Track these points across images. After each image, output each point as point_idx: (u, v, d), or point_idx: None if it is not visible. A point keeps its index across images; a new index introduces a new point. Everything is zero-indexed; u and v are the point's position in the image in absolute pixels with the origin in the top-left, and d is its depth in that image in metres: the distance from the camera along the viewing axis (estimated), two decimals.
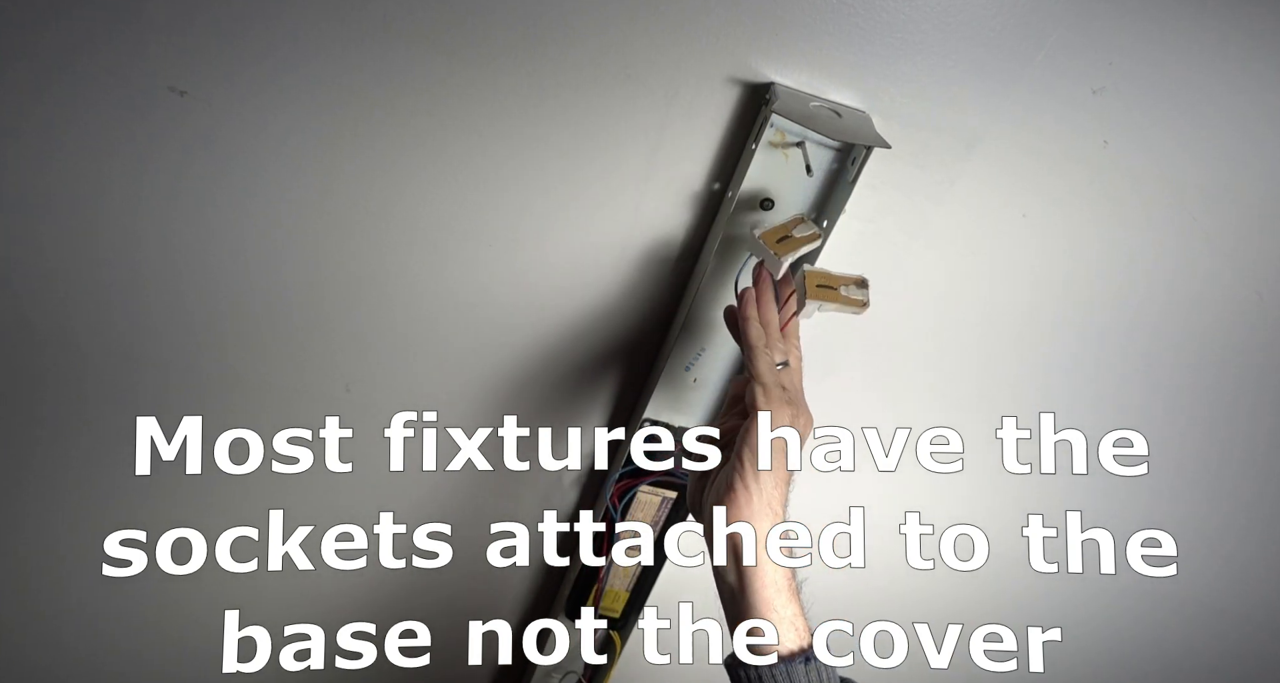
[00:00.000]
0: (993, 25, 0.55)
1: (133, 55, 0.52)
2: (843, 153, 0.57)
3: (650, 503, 0.72)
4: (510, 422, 0.57)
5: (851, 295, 0.55)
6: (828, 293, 0.55)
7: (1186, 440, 0.79)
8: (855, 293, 0.55)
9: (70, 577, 0.77)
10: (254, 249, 0.61)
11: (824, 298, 0.55)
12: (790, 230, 0.56)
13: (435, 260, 0.63)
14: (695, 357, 0.66)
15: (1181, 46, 0.57)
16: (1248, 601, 0.92)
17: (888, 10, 0.54)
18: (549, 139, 0.58)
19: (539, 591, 0.86)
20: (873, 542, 0.50)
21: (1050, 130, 0.60)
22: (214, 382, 0.67)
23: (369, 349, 0.67)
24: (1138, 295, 0.69)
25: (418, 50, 0.53)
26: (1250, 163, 0.62)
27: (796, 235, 0.56)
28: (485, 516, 0.77)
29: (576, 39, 0.54)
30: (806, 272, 0.55)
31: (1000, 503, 0.78)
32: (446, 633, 0.54)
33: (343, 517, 0.53)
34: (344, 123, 0.56)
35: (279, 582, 0.74)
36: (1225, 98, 0.59)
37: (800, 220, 0.57)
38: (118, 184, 0.57)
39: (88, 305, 0.62)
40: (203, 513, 0.70)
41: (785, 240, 0.55)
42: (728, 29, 0.54)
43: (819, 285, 0.55)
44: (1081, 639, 0.95)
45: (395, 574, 0.74)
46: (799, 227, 0.56)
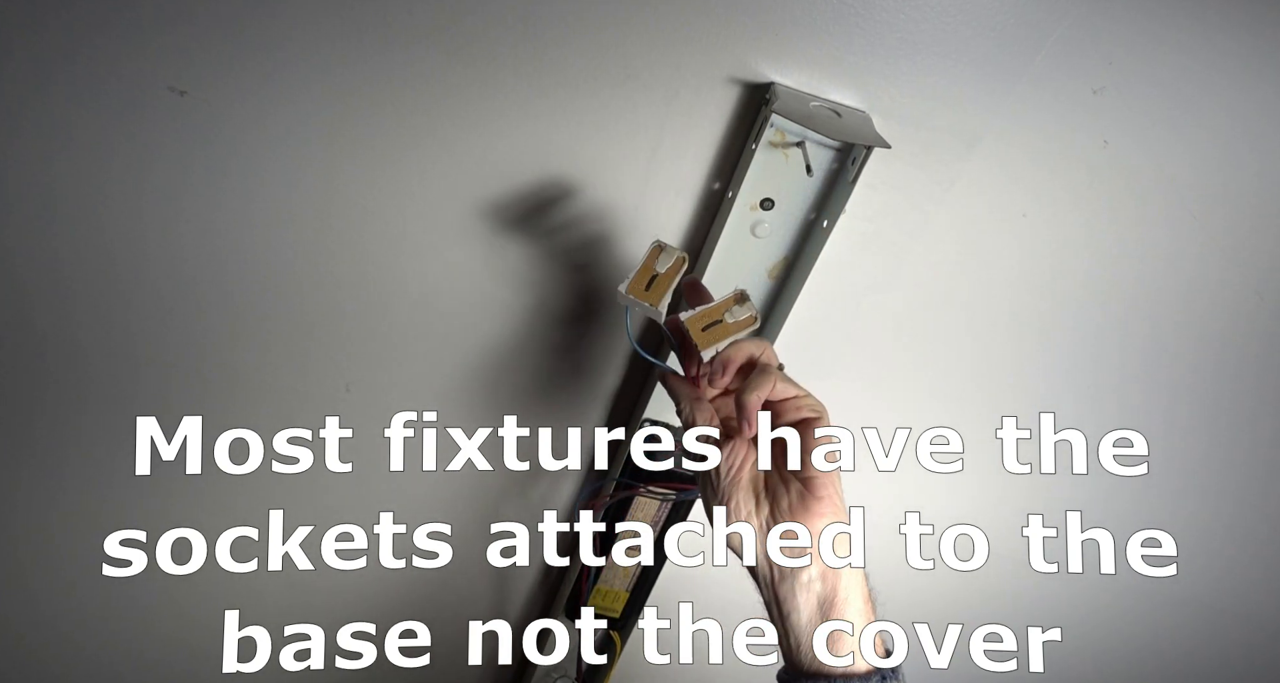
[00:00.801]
0: (993, 25, 0.55)
1: (132, 55, 0.52)
2: (843, 153, 0.57)
3: (650, 503, 0.72)
4: (510, 422, 0.57)
5: (738, 319, 0.49)
6: (715, 331, 0.48)
7: (1186, 440, 0.79)
8: (740, 313, 0.49)
9: (70, 577, 0.77)
10: (254, 249, 0.61)
11: (716, 338, 0.49)
12: (721, 314, 0.49)
13: (435, 260, 0.63)
14: None
15: (1182, 46, 0.57)
16: (1248, 601, 0.92)
17: (888, 10, 0.54)
18: (549, 139, 0.58)
19: (539, 591, 0.86)
20: (873, 542, 0.50)
21: (1050, 130, 0.60)
22: (214, 382, 0.67)
23: (369, 349, 0.67)
24: (1138, 295, 0.69)
25: (417, 49, 0.53)
26: (1250, 162, 0.62)
27: (729, 321, 0.48)
28: (485, 516, 0.78)
29: (576, 38, 0.54)
30: (684, 322, 0.49)
31: (1000, 503, 0.78)
32: (446, 633, 0.54)
33: (343, 517, 0.53)
34: (343, 123, 0.56)
35: (279, 582, 0.75)
36: (1225, 98, 0.59)
37: (736, 299, 0.49)
38: (117, 184, 0.57)
39: (87, 305, 0.62)
40: (203, 513, 0.71)
41: (715, 327, 0.48)
42: (728, 29, 0.54)
43: (704, 329, 0.49)
44: (1081, 639, 0.95)
45: (395, 574, 0.74)
46: (733, 308, 0.49)
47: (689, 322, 0.48)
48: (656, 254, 0.49)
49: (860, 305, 0.68)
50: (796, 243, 0.61)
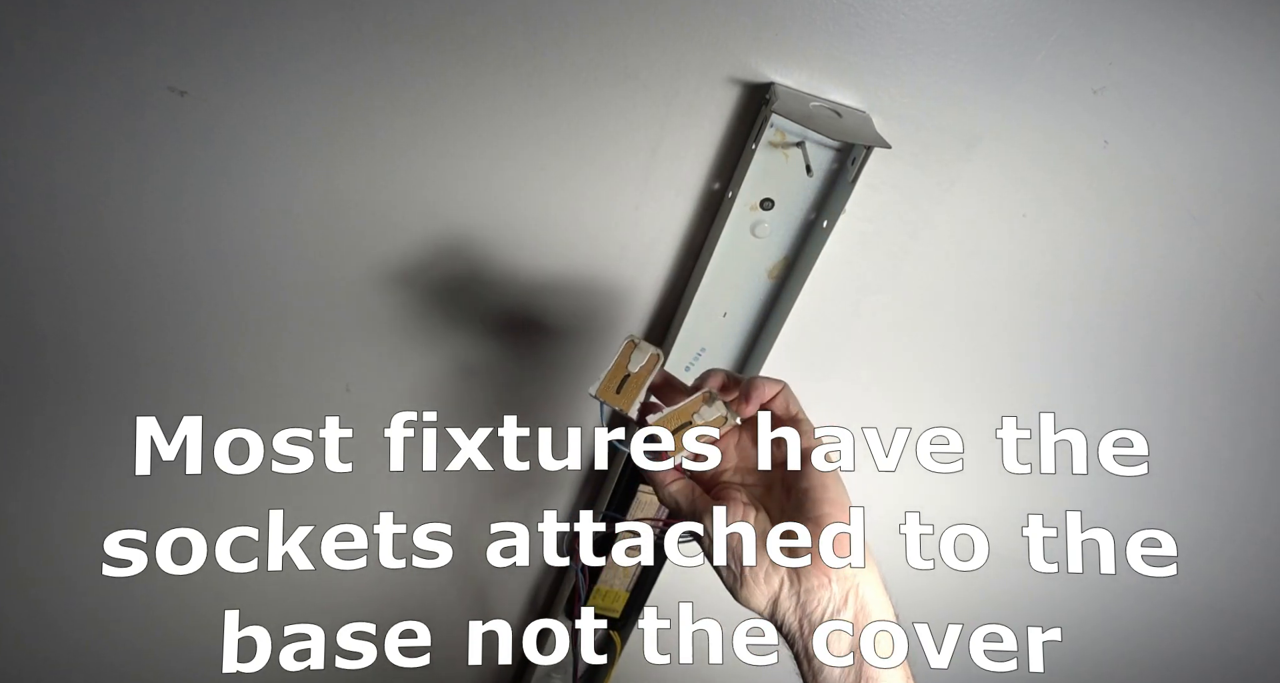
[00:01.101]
0: (993, 25, 0.55)
1: (132, 55, 0.52)
2: (843, 153, 0.57)
3: (650, 503, 0.72)
4: (510, 422, 0.57)
5: (708, 421, 0.47)
6: (689, 432, 0.47)
7: (1186, 440, 0.79)
8: (709, 414, 0.47)
9: (70, 577, 0.77)
10: (254, 248, 0.61)
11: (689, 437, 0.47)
12: (691, 416, 0.47)
13: (434, 260, 0.63)
14: (695, 357, 0.66)
15: (1182, 46, 0.57)
16: (1248, 601, 0.92)
17: (888, 10, 0.54)
18: (548, 138, 0.58)
19: (539, 591, 0.86)
20: (872, 542, 0.50)
21: (1050, 130, 0.60)
22: (214, 382, 0.67)
23: (369, 349, 0.67)
24: (1137, 295, 0.69)
25: (417, 49, 0.53)
26: (1250, 163, 0.62)
27: (698, 422, 0.47)
28: (485, 515, 0.78)
29: (576, 38, 0.54)
30: (652, 423, 0.48)
31: (1000, 503, 0.78)
32: (446, 633, 0.54)
33: (343, 517, 0.53)
34: (343, 123, 0.56)
35: (279, 582, 0.75)
36: (1226, 97, 0.59)
37: (705, 399, 0.47)
38: (117, 184, 0.57)
39: (87, 305, 0.62)
40: (203, 513, 0.71)
41: (685, 428, 0.47)
42: (728, 29, 0.54)
43: (676, 430, 0.47)
44: (1082, 639, 0.95)
45: (395, 574, 0.74)
46: (702, 409, 0.47)
47: (659, 423, 0.47)
48: (629, 351, 0.48)
49: (860, 305, 0.68)
50: (796, 243, 0.61)
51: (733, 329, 0.65)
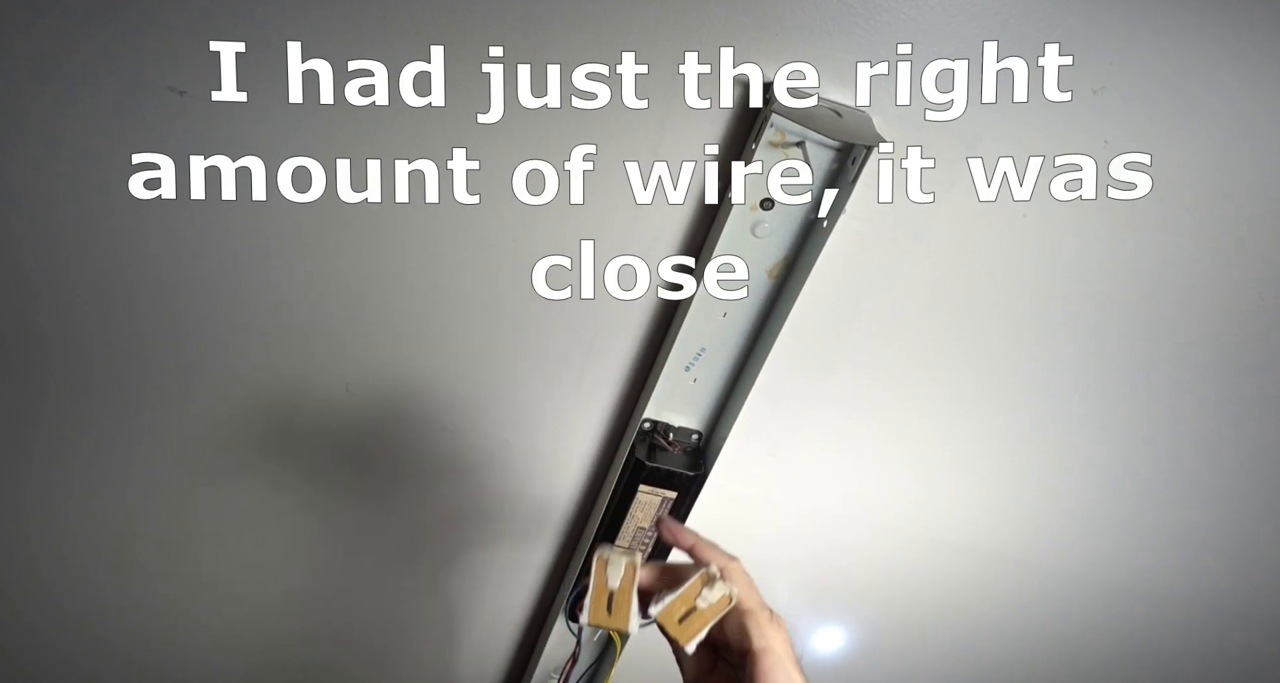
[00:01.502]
0: (993, 25, 0.55)
1: (132, 55, 0.52)
2: (843, 153, 0.57)
3: (650, 503, 0.72)
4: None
5: (713, 601, 0.45)
6: (692, 620, 0.45)
7: (1187, 440, 0.79)
8: (713, 596, 0.45)
9: (70, 577, 0.77)
10: (253, 248, 0.61)
11: (696, 627, 0.44)
12: (694, 601, 0.45)
13: (434, 260, 0.63)
14: (695, 357, 0.66)
15: (1181, 46, 0.57)
16: (1248, 601, 0.92)
17: (888, 10, 0.54)
18: (548, 138, 0.58)
19: (539, 591, 0.86)
20: (873, 541, 0.50)
21: (1050, 130, 0.60)
22: (214, 381, 0.67)
23: (369, 349, 0.67)
24: (1138, 295, 0.69)
25: (416, 48, 0.53)
26: (1250, 163, 0.62)
27: (702, 606, 0.45)
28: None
29: (574, 37, 0.54)
30: (656, 617, 0.45)
31: (1001, 504, 0.78)
32: (446, 633, 0.54)
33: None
34: (343, 123, 0.56)
35: None
36: (1225, 98, 0.59)
37: (706, 580, 0.45)
38: (117, 184, 0.57)
39: (88, 305, 0.62)
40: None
41: (691, 616, 0.44)
42: (728, 28, 0.54)
43: (680, 621, 0.45)
44: (1081, 639, 0.95)
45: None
46: (704, 592, 0.45)
47: (662, 617, 0.45)
48: (603, 569, 0.46)
49: (860, 305, 0.68)
50: (796, 243, 0.61)
51: (733, 329, 0.65)
